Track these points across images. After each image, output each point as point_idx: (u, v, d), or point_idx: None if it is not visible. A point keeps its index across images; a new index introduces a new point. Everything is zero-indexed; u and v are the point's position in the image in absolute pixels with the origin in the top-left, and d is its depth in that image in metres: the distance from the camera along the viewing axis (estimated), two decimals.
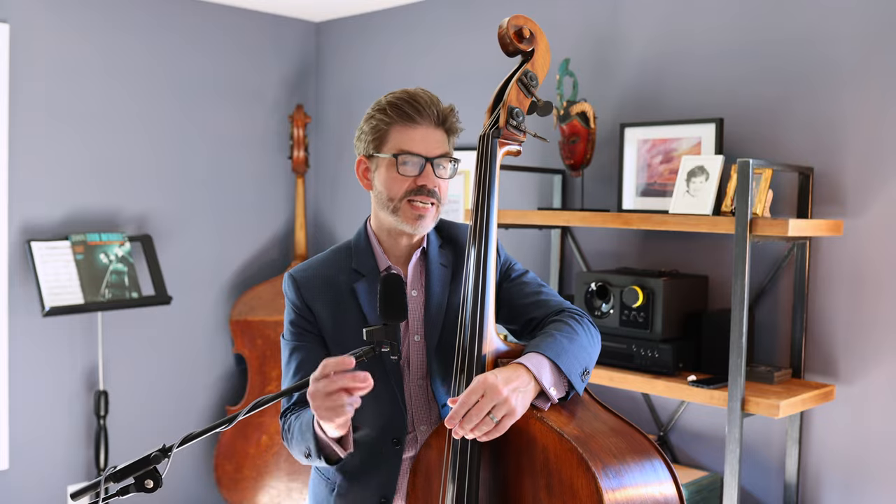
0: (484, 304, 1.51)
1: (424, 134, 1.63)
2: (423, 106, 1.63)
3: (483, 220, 1.57)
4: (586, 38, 2.96)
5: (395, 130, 1.63)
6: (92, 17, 3.40)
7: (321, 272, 1.73)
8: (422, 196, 1.62)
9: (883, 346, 2.31)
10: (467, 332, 1.52)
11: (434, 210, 1.65)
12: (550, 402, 1.46)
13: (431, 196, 1.63)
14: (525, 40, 1.64)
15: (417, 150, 1.62)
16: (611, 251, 2.90)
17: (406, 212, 1.63)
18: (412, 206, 1.63)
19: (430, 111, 1.63)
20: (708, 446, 2.66)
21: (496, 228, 1.59)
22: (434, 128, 1.64)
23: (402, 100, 1.64)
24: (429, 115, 1.63)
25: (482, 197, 1.59)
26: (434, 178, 1.63)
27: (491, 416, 1.37)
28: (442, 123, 1.65)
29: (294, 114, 3.93)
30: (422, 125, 1.63)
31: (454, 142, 1.71)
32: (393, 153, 1.63)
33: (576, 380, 1.49)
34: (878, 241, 2.32)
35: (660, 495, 1.40)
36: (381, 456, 1.68)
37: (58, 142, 3.34)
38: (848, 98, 2.37)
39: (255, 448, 3.70)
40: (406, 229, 1.66)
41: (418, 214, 1.63)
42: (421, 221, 1.64)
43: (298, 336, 1.72)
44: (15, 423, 3.28)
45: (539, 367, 1.45)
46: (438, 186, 1.65)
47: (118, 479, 1.28)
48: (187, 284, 3.71)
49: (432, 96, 1.66)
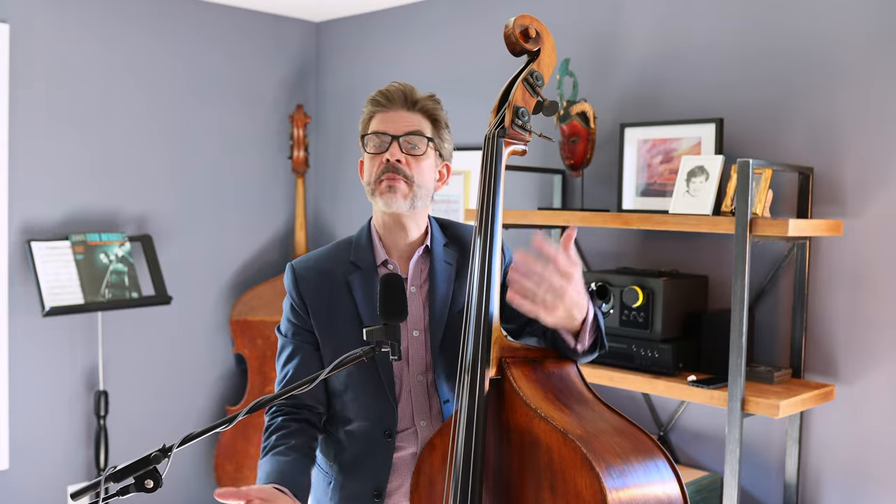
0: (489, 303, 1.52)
1: (393, 116, 1.71)
2: (393, 92, 1.72)
3: (488, 220, 1.57)
4: (586, 38, 2.96)
5: (373, 119, 1.73)
6: (92, 17, 3.40)
7: (320, 265, 1.77)
8: (389, 172, 1.68)
9: (883, 346, 2.32)
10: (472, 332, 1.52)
11: (405, 187, 1.68)
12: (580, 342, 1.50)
13: (398, 172, 1.67)
14: (531, 40, 1.64)
15: (384, 128, 1.70)
16: (611, 251, 2.91)
17: (379, 188, 1.69)
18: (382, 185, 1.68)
19: (399, 95, 1.71)
20: (708, 446, 2.66)
21: (501, 228, 1.59)
22: (404, 110, 1.71)
23: (378, 92, 1.74)
24: (397, 99, 1.71)
25: (488, 196, 1.59)
26: (399, 152, 1.68)
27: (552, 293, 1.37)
28: (413, 106, 1.72)
29: (294, 114, 3.93)
30: (391, 109, 1.71)
31: (443, 135, 1.76)
32: (362, 135, 1.73)
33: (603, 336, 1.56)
34: (878, 242, 2.32)
35: (663, 495, 1.40)
36: (373, 448, 1.71)
37: (58, 142, 3.34)
38: (848, 98, 2.37)
39: (256, 448, 3.70)
40: (383, 207, 1.70)
41: (388, 186, 1.67)
42: (392, 194, 1.67)
43: (292, 333, 1.77)
44: (15, 423, 3.28)
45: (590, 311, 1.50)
46: (408, 164, 1.69)
47: (118, 479, 1.28)
48: (187, 284, 3.71)
49: (407, 86, 1.74)
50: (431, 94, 1.75)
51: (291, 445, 1.68)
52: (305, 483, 1.65)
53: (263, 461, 1.67)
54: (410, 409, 1.71)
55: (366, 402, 1.71)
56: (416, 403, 1.72)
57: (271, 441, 1.70)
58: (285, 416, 1.74)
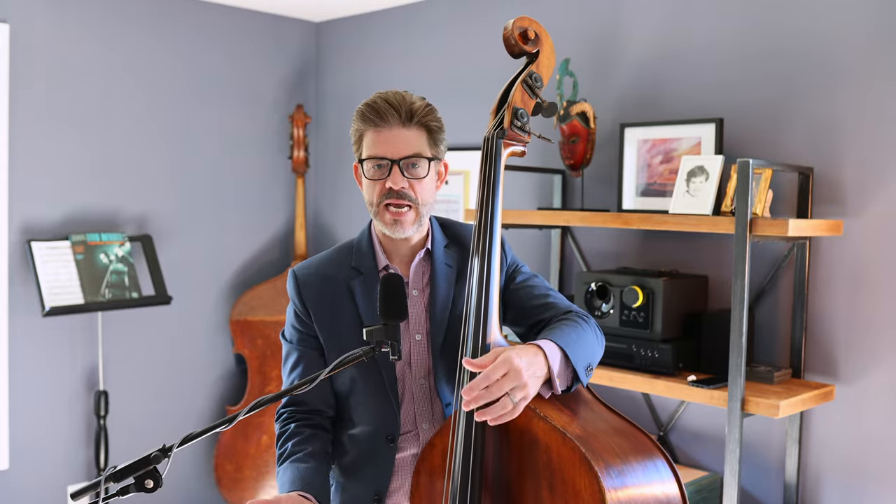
0: (488, 305, 1.52)
1: (389, 136, 1.62)
2: (386, 109, 1.62)
3: (487, 221, 1.57)
4: (586, 38, 2.96)
5: (367, 136, 1.65)
6: (92, 17, 3.40)
7: (322, 270, 1.76)
8: (393, 199, 1.63)
9: (883, 346, 2.32)
10: (471, 333, 1.52)
11: (412, 214, 1.65)
12: (552, 391, 1.47)
13: (403, 198, 1.63)
14: (530, 42, 1.64)
15: (382, 152, 1.62)
16: (611, 251, 2.91)
17: (383, 216, 1.65)
18: (388, 211, 1.64)
19: (394, 112, 1.62)
20: (708, 446, 2.66)
21: (500, 228, 1.59)
22: (401, 128, 1.62)
23: (368, 105, 1.64)
24: (393, 116, 1.62)
25: (487, 197, 1.59)
26: (401, 179, 1.62)
27: (510, 397, 1.36)
28: (409, 121, 1.63)
29: (294, 114, 3.93)
30: (385, 127, 1.62)
31: (441, 139, 1.69)
32: (361, 158, 1.66)
33: (581, 372, 1.50)
34: (878, 242, 2.32)
35: (662, 495, 1.40)
36: (375, 452, 1.71)
37: (58, 142, 3.34)
38: (848, 98, 2.37)
39: (256, 448, 3.70)
40: (388, 233, 1.67)
41: (394, 220, 1.64)
42: (398, 226, 1.65)
43: (297, 340, 1.76)
44: (15, 423, 3.28)
45: (552, 355, 1.46)
46: (412, 188, 1.63)
47: (118, 479, 1.28)
48: (187, 284, 3.71)
49: (402, 96, 1.65)
50: (424, 102, 1.66)
51: (309, 452, 1.68)
52: (327, 487, 1.66)
53: (283, 468, 1.66)
54: (413, 413, 1.71)
55: (368, 406, 1.71)
56: (418, 407, 1.71)
57: (288, 448, 1.69)
58: (298, 422, 1.74)
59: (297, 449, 1.68)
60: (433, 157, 1.66)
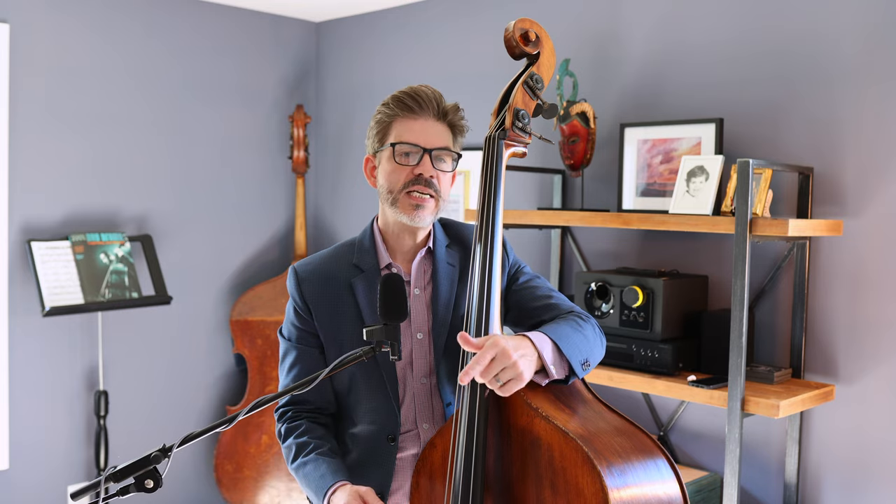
0: (489, 305, 1.52)
1: (424, 125, 1.66)
2: (424, 99, 1.66)
3: (489, 221, 1.58)
4: (586, 38, 2.97)
5: (397, 122, 1.67)
6: (92, 17, 3.40)
7: (322, 267, 1.76)
8: (419, 186, 1.64)
9: (883, 346, 2.32)
10: (472, 332, 1.52)
11: (433, 203, 1.67)
12: (549, 378, 1.48)
13: (429, 187, 1.65)
14: (531, 43, 1.65)
15: (416, 139, 1.65)
16: (611, 251, 2.91)
17: (404, 203, 1.66)
18: (410, 197, 1.65)
19: (431, 104, 1.67)
20: (708, 446, 2.66)
21: (501, 229, 1.60)
22: (435, 120, 1.67)
23: (404, 93, 1.68)
24: (429, 108, 1.67)
25: (488, 198, 1.59)
26: (431, 167, 1.65)
27: (497, 379, 1.38)
28: (443, 117, 1.68)
29: (294, 114, 3.93)
30: (422, 117, 1.66)
31: (461, 142, 1.73)
32: (392, 142, 1.66)
33: (576, 365, 1.51)
34: (878, 242, 2.32)
35: (664, 494, 1.40)
36: (376, 452, 1.71)
37: (58, 141, 3.34)
38: (848, 98, 2.37)
39: (256, 448, 3.70)
40: (405, 220, 1.67)
41: (416, 204, 1.65)
42: (419, 212, 1.65)
43: (296, 337, 1.75)
44: (15, 423, 3.28)
45: (542, 343, 1.47)
46: (438, 179, 1.66)
47: (118, 479, 1.29)
48: (187, 284, 3.71)
49: (436, 92, 1.70)
50: (456, 105, 1.71)
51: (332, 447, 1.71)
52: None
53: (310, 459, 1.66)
54: (413, 412, 1.71)
55: (369, 405, 1.71)
56: (419, 406, 1.72)
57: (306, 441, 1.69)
58: (307, 419, 1.75)
59: (321, 444, 1.69)
60: (458, 154, 1.71)
